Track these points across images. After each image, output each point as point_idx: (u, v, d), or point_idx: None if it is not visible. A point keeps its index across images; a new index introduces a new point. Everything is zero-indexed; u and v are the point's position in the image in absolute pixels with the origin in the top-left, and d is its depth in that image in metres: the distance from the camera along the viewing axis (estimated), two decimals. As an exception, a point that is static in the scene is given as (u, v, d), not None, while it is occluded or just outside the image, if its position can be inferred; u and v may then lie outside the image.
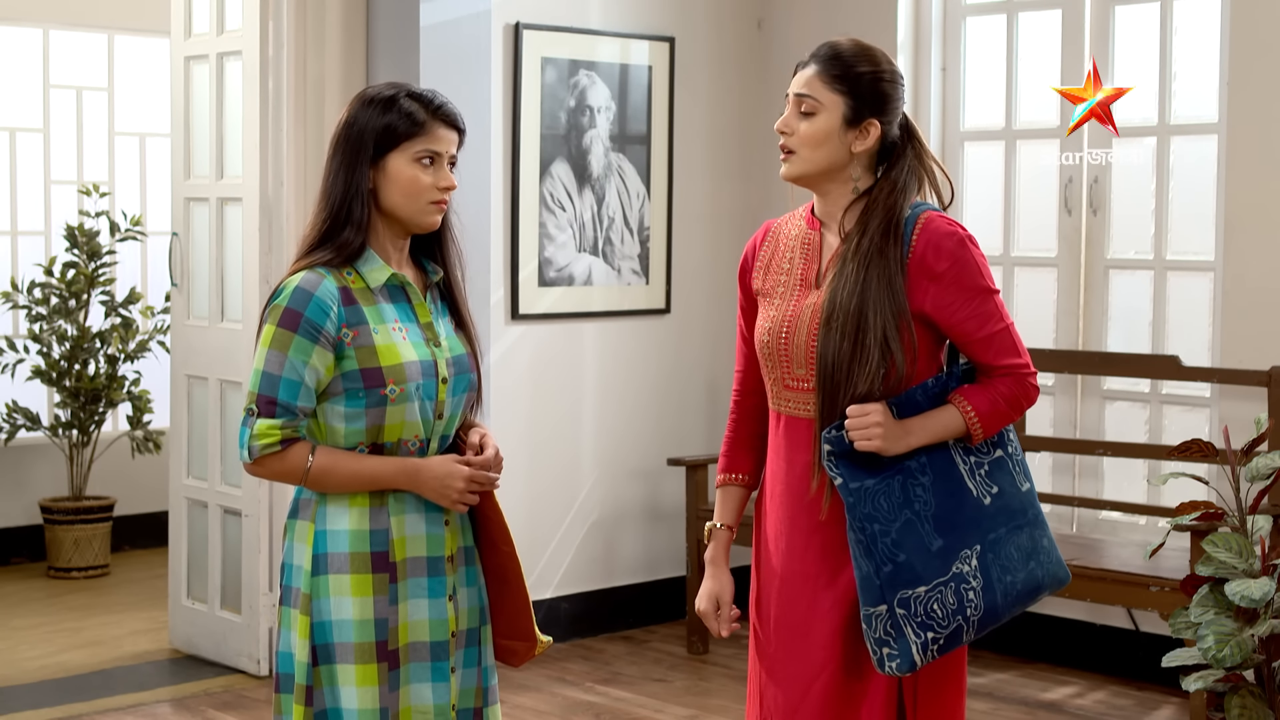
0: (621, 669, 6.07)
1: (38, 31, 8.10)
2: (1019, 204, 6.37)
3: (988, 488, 3.03)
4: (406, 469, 3.04)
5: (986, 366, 3.06)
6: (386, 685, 3.03)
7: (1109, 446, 5.90)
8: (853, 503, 2.94)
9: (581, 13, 6.36)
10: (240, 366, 5.91)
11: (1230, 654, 4.02)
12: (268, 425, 2.99)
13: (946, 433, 3.01)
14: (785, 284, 3.12)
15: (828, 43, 3.11)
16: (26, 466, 7.92)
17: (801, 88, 3.07)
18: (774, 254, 3.18)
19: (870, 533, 2.93)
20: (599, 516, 6.54)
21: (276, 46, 5.80)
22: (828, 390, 3.00)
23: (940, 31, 6.48)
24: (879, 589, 2.93)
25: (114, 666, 6.12)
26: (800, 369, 3.06)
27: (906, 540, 2.94)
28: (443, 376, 3.09)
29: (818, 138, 3.05)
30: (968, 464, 3.04)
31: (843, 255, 3.04)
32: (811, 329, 3.03)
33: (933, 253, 3.02)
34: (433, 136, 3.05)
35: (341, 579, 3.02)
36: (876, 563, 2.93)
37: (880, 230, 3.02)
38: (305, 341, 2.98)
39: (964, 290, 3.03)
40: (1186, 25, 5.90)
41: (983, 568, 2.99)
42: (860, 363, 2.97)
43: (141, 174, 8.44)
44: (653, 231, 6.60)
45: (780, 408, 3.12)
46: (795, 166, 3.08)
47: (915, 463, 2.98)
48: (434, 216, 3.08)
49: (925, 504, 2.97)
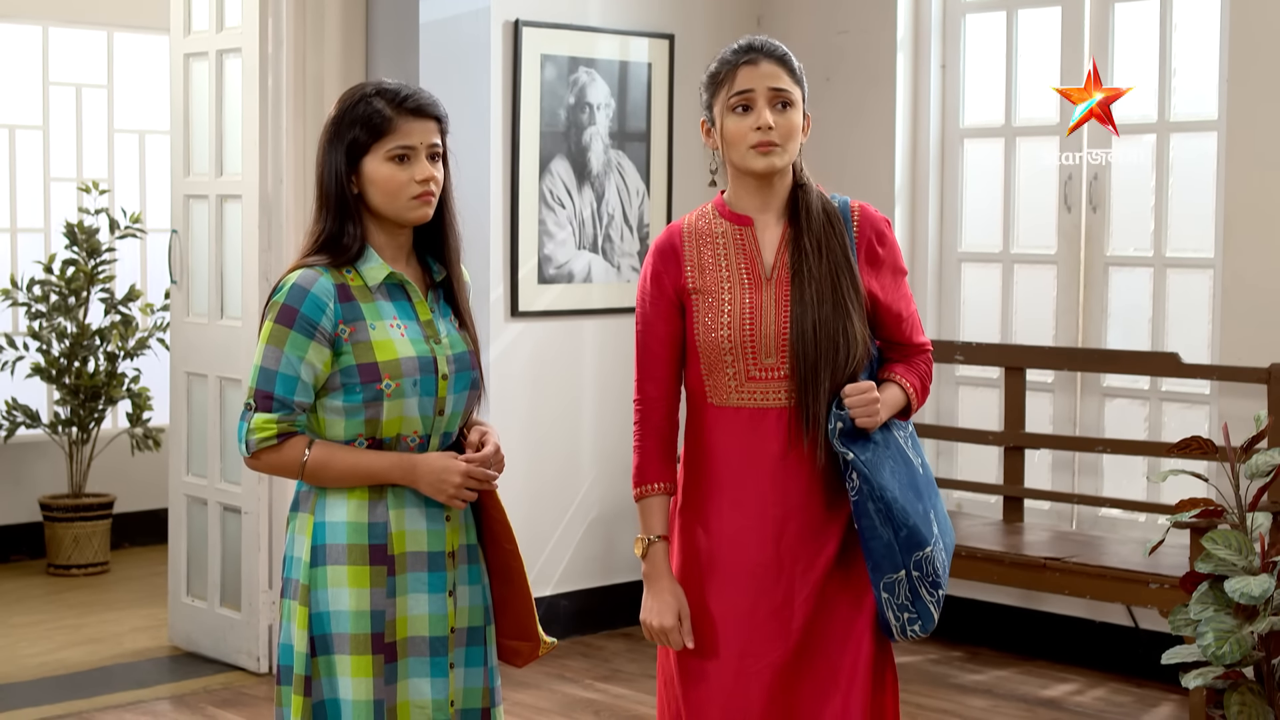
0: (621, 666, 6.07)
1: (37, 28, 8.09)
2: (1018, 201, 6.37)
3: (917, 458, 3.21)
4: (403, 463, 3.05)
5: (904, 345, 3.25)
6: (382, 678, 3.04)
7: (1109, 444, 5.90)
8: (867, 474, 3.06)
9: (581, 10, 6.36)
10: (240, 364, 5.91)
11: (1230, 651, 4.02)
12: (264, 419, 3.02)
13: (897, 408, 3.19)
14: (729, 280, 3.17)
15: (759, 39, 3.21)
16: (26, 464, 7.92)
17: (775, 82, 3.15)
18: (700, 253, 3.21)
19: (886, 500, 3.05)
20: (599, 513, 6.54)
21: (276, 44, 5.79)
22: (809, 374, 3.09)
23: (940, 28, 6.47)
24: (899, 554, 3.07)
25: (114, 663, 6.12)
26: (770, 358, 3.13)
27: (909, 505, 3.08)
28: (443, 373, 3.10)
29: (796, 129, 3.15)
30: (902, 436, 3.20)
31: (794, 241, 3.16)
32: (780, 317, 3.12)
33: (876, 238, 3.20)
34: (401, 132, 3.06)
35: (339, 570, 3.04)
36: (895, 528, 3.06)
37: (822, 213, 3.17)
38: (301, 337, 3.01)
39: (895, 272, 3.23)
40: (1186, 22, 5.90)
41: (940, 531, 3.17)
42: (843, 343, 3.09)
43: (141, 171, 8.44)
44: (652, 229, 6.60)
45: (739, 401, 3.15)
46: (781, 159, 3.15)
47: (880, 435, 3.13)
48: (420, 210, 3.09)
49: (900, 473, 3.12)
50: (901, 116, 6.44)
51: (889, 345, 3.26)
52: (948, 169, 6.51)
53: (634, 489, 3.24)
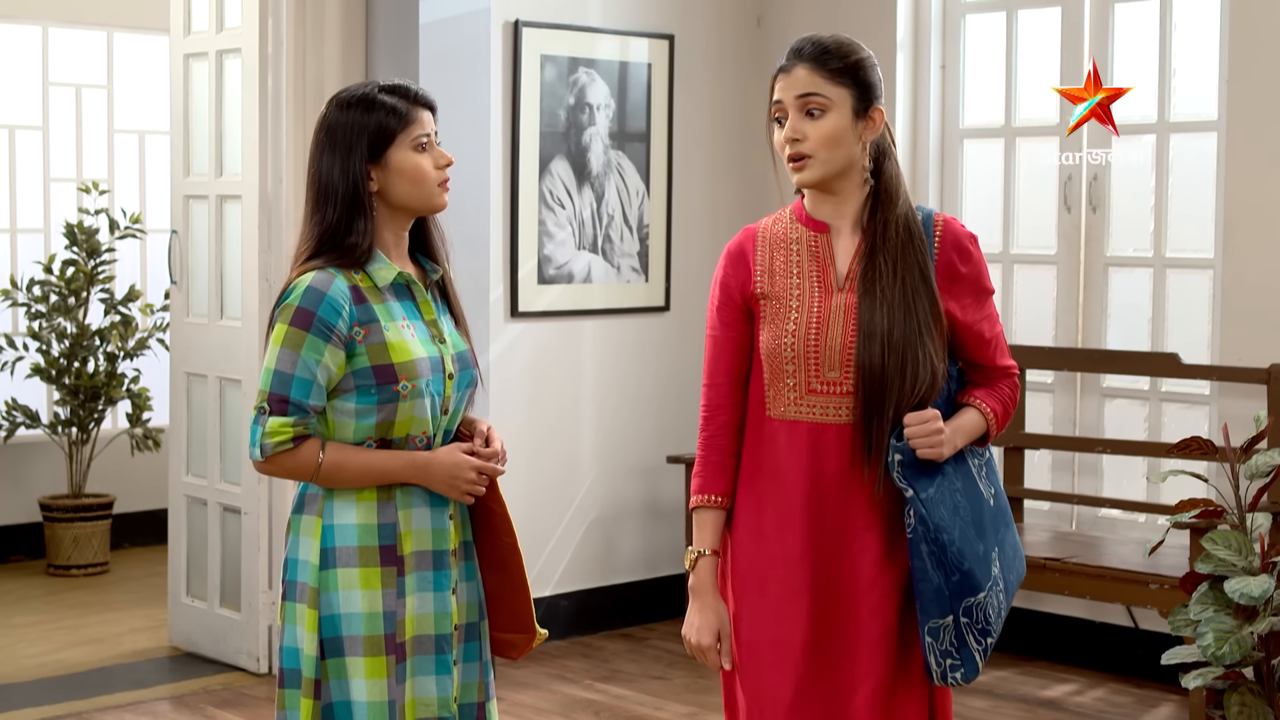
0: (621, 666, 6.07)
1: (37, 29, 8.09)
2: (1018, 202, 6.37)
3: (989, 489, 3.04)
4: (416, 462, 3.06)
5: (988, 368, 3.07)
6: (394, 678, 3.05)
7: (1108, 444, 5.90)
8: (925, 513, 2.89)
9: (581, 10, 6.36)
10: (239, 364, 5.90)
11: (1229, 651, 4.02)
12: (280, 423, 3.02)
13: (974, 434, 3.01)
14: (799, 288, 3.02)
15: (807, 40, 3.06)
16: (26, 464, 7.92)
17: (805, 88, 2.99)
18: (772, 258, 3.07)
19: (941, 542, 2.89)
20: (598, 514, 6.54)
21: (276, 44, 5.79)
22: (874, 396, 2.93)
23: (940, 29, 6.48)
24: (948, 599, 2.91)
25: (113, 664, 6.12)
26: (833, 372, 2.97)
27: (966, 548, 2.91)
28: (449, 373, 3.13)
29: (836, 136, 2.98)
30: (976, 465, 3.04)
31: (868, 254, 2.99)
32: (848, 330, 2.96)
33: (958, 254, 3.02)
34: (419, 121, 3.11)
35: (350, 572, 3.05)
36: (946, 572, 2.90)
37: (904, 227, 2.99)
38: (318, 340, 3.01)
39: (979, 291, 3.04)
40: (1186, 22, 5.90)
41: (1002, 568, 3.01)
42: (911, 367, 2.92)
43: (141, 171, 8.44)
44: (652, 229, 6.60)
45: (797, 414, 3.00)
46: (815, 171, 2.99)
47: (950, 467, 2.96)
48: (444, 197, 3.14)
49: (964, 509, 2.94)
50: (901, 117, 6.44)
51: (970, 367, 3.09)
52: (947, 169, 6.51)
53: (691, 497, 3.11)
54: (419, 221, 3.19)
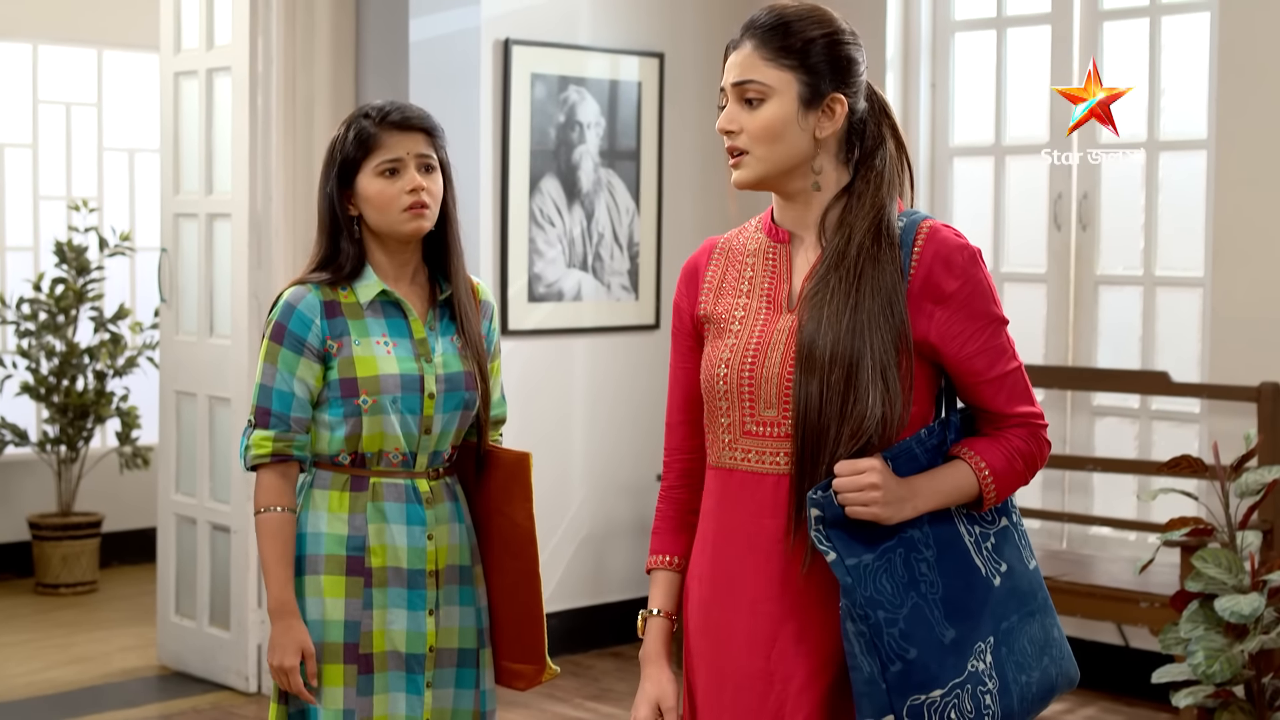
0: (611, 685, 6.06)
1: (27, 46, 8.09)
2: (1008, 219, 6.37)
3: (996, 565, 2.48)
4: (282, 600, 3.07)
5: (995, 414, 2.49)
6: (354, 688, 3.08)
7: (1098, 462, 5.90)
8: (850, 584, 2.33)
9: (571, 29, 6.37)
10: (229, 382, 5.89)
11: (1220, 670, 4.02)
12: (261, 436, 3.09)
13: (956, 495, 2.44)
14: (745, 308, 2.52)
15: (765, 9, 2.49)
16: (14, 482, 7.90)
17: (740, 74, 2.46)
18: (724, 274, 2.58)
19: (874, 622, 2.32)
20: (589, 532, 6.53)
21: (266, 62, 5.79)
22: (809, 441, 2.39)
23: (929, 47, 6.49)
24: (885, 694, 2.33)
25: (102, 683, 6.10)
26: (769, 410, 2.44)
27: (916, 631, 2.34)
28: (429, 392, 3.12)
29: (773, 129, 2.45)
30: (973, 535, 2.47)
31: (823, 268, 2.44)
32: (786, 360, 2.43)
33: (942, 269, 2.42)
34: (386, 146, 3.10)
35: (316, 580, 3.10)
36: (882, 660, 2.32)
37: (870, 234, 2.43)
38: (290, 354, 3.08)
39: (975, 318, 2.44)
40: (1175, 41, 5.91)
41: (997, 665, 2.43)
42: (851, 406, 2.37)
43: (130, 189, 8.43)
44: (642, 247, 6.60)
45: (734, 462, 2.49)
46: (751, 169, 2.48)
47: (919, 532, 2.40)
48: (415, 223, 3.12)
49: (932, 585, 2.39)
50: (891, 135, 6.44)
51: (978, 414, 2.51)
52: (937, 187, 6.52)
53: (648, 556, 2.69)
54: (441, 240, 3.19)
